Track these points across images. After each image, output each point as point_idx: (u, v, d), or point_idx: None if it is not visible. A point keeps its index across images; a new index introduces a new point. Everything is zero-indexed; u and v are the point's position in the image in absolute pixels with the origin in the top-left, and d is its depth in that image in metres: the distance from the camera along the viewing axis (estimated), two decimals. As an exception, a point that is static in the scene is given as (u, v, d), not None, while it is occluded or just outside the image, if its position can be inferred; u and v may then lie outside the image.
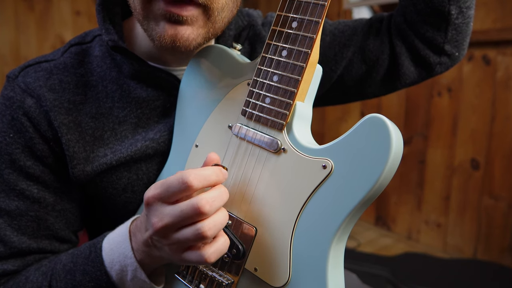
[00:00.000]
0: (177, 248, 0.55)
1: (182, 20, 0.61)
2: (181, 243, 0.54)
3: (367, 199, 0.53)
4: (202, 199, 0.52)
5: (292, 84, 0.59)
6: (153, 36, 0.64)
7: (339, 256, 0.58)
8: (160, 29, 0.63)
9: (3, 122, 0.70)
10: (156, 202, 0.55)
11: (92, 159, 0.71)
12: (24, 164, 0.69)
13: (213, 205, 0.53)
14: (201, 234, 0.52)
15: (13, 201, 0.69)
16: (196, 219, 0.53)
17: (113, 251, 0.62)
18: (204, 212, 0.52)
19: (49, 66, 0.72)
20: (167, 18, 0.61)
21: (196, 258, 0.54)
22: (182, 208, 0.52)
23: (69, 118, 0.70)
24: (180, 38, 0.62)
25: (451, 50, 0.84)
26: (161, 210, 0.54)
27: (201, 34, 0.64)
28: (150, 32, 0.64)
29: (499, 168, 2.15)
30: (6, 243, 0.69)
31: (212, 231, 0.53)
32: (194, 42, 0.64)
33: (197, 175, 0.53)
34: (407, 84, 0.91)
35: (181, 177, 0.52)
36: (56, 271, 0.66)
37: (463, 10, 0.79)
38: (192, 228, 0.53)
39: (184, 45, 0.63)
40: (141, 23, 0.66)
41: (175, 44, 0.62)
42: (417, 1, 0.80)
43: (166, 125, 0.74)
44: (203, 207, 0.52)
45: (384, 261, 2.21)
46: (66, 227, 0.74)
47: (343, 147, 0.55)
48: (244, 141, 0.63)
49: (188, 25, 0.62)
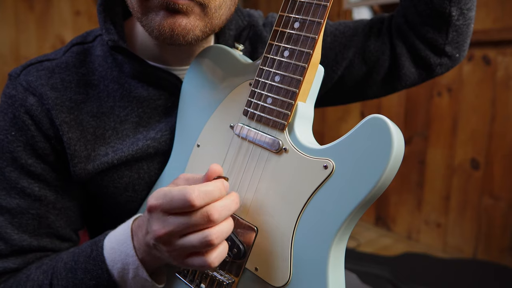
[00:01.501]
0: (179, 254, 0.55)
1: (179, 8, 0.62)
2: (185, 249, 0.54)
3: (368, 199, 0.53)
4: (213, 208, 0.53)
5: (294, 84, 0.59)
6: (153, 27, 0.64)
7: (340, 257, 0.58)
8: (159, 18, 0.63)
9: (5, 120, 0.70)
10: (157, 212, 0.55)
11: (93, 158, 0.71)
12: (25, 162, 0.70)
13: (222, 213, 0.54)
14: (208, 242, 0.53)
15: (14, 199, 0.70)
16: (204, 226, 0.53)
17: (114, 250, 0.63)
18: (213, 220, 0.52)
19: (51, 65, 0.73)
20: (165, 6, 0.62)
21: (200, 263, 0.55)
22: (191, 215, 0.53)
23: (70, 116, 0.70)
24: (178, 26, 0.63)
25: (452, 51, 0.84)
26: (164, 218, 0.54)
27: (198, 26, 0.65)
28: (150, 25, 0.65)
29: (499, 168, 2.15)
30: (7, 241, 0.69)
31: (219, 239, 0.54)
32: (192, 33, 0.64)
33: (200, 192, 0.52)
34: (408, 85, 0.91)
35: (185, 195, 0.52)
36: (57, 270, 0.66)
37: (464, 11, 0.79)
38: (199, 235, 0.53)
39: (182, 34, 0.64)
40: (140, 20, 0.66)
41: (173, 33, 0.63)
42: (418, 2, 0.80)
43: (167, 125, 0.75)
44: (212, 216, 0.52)
45: (384, 261, 2.21)
46: (66, 225, 0.75)
47: (344, 148, 0.55)
48: (245, 141, 0.63)
49: (184, 15, 0.63)
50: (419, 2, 0.80)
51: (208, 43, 0.80)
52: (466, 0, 0.78)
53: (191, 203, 0.52)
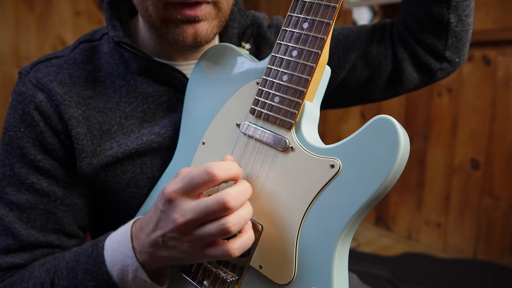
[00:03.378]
0: (197, 245, 0.55)
1: (199, 19, 0.66)
2: (203, 239, 0.54)
3: (373, 199, 0.54)
4: (228, 194, 0.53)
5: (302, 84, 0.60)
6: (175, 38, 0.68)
7: (344, 256, 0.58)
8: (180, 30, 0.67)
9: (15, 117, 0.71)
10: (178, 197, 0.54)
11: (99, 152, 0.72)
12: (34, 158, 0.71)
13: (238, 200, 0.53)
14: (226, 229, 0.53)
15: (23, 195, 0.71)
16: (221, 214, 0.53)
17: (114, 251, 0.63)
18: (230, 207, 0.52)
19: (59, 62, 0.75)
20: (186, 20, 0.66)
21: (220, 253, 0.55)
22: (207, 204, 0.53)
23: (78, 111, 0.71)
24: (200, 33, 0.67)
25: (452, 56, 0.86)
26: (183, 205, 0.54)
27: (216, 25, 0.69)
28: (171, 34, 0.68)
29: (499, 168, 2.16)
30: (15, 236, 0.70)
31: (237, 226, 0.54)
32: (212, 33, 0.69)
33: (220, 167, 0.53)
34: (410, 89, 0.93)
35: (205, 169, 0.53)
36: (59, 269, 0.67)
37: (462, 18, 0.81)
38: (216, 223, 0.53)
39: (205, 39, 0.69)
40: (160, 29, 0.69)
41: (197, 40, 0.68)
42: (417, 10, 0.81)
43: (171, 120, 0.75)
44: (228, 202, 0.52)
45: (384, 261, 2.22)
46: (74, 222, 0.76)
47: (351, 147, 0.55)
48: (252, 139, 0.64)
49: (204, 21, 0.67)
50: (418, 10, 0.81)
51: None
52: (464, 7, 0.79)
53: (213, 174, 0.52)
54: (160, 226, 0.57)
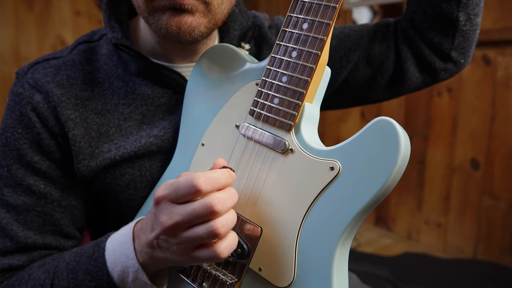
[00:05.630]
0: (186, 247, 0.55)
1: (185, 8, 0.64)
2: (191, 241, 0.54)
3: (373, 202, 0.53)
4: (215, 199, 0.52)
5: (302, 85, 0.59)
6: (160, 26, 0.66)
7: (344, 259, 0.58)
8: (165, 17, 0.65)
9: (12, 118, 0.71)
10: (165, 202, 0.55)
11: (97, 155, 0.72)
12: (31, 160, 0.70)
13: (225, 204, 0.53)
14: (214, 232, 0.53)
15: (20, 196, 0.71)
16: (208, 218, 0.53)
17: (115, 252, 0.62)
18: (217, 211, 0.52)
19: (57, 63, 0.74)
20: (171, 7, 0.64)
21: (209, 254, 0.55)
22: (194, 207, 0.53)
23: (75, 113, 0.71)
24: (184, 24, 0.65)
25: (457, 56, 0.85)
26: (171, 209, 0.54)
27: (203, 23, 0.67)
28: (156, 24, 0.67)
29: (499, 168, 2.16)
30: (12, 237, 0.70)
31: (225, 229, 0.53)
32: (197, 30, 0.67)
33: (206, 178, 0.53)
34: (412, 90, 0.92)
35: (191, 181, 0.52)
36: (59, 269, 0.67)
37: (471, 17, 0.80)
38: (205, 226, 0.53)
39: (188, 31, 0.66)
40: (147, 19, 0.68)
41: (180, 31, 0.66)
42: (426, 6, 0.80)
43: (170, 122, 0.75)
44: (215, 206, 0.52)
45: (384, 261, 2.21)
46: (71, 223, 0.75)
47: (351, 149, 0.55)
48: (251, 141, 0.63)
49: (189, 13, 0.65)
50: (427, 6, 0.80)
51: (212, 41, 0.81)
52: (474, 6, 0.78)
53: (197, 188, 0.52)
54: (154, 228, 0.57)
